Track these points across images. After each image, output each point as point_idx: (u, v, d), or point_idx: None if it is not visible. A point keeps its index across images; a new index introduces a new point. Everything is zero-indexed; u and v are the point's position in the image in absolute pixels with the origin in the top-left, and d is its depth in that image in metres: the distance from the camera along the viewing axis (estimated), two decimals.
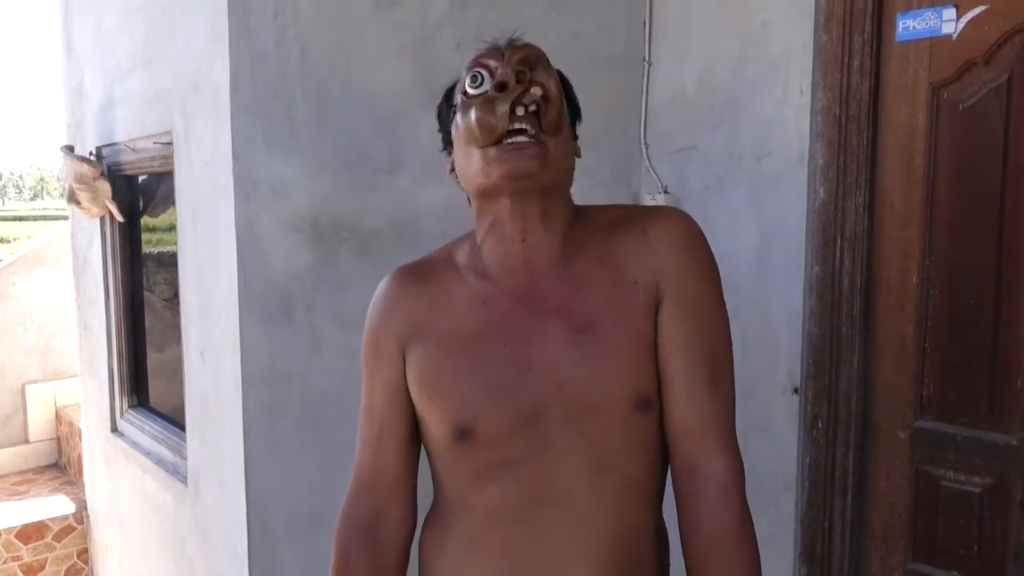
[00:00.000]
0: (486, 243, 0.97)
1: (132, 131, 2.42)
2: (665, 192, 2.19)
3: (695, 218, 0.99)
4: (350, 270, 1.88)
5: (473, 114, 0.89)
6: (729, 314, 0.98)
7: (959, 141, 1.66)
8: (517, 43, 0.94)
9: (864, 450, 1.85)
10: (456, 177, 0.99)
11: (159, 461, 2.47)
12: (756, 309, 1.99)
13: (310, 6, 1.79)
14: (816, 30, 1.84)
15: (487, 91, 0.90)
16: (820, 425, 1.88)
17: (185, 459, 2.28)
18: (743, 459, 0.95)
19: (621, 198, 2.26)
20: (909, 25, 1.69)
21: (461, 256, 1.00)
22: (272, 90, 1.77)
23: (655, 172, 2.22)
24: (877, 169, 1.79)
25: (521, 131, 0.89)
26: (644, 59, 2.23)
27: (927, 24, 1.66)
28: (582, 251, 0.96)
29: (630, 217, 0.98)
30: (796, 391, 1.92)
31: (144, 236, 2.72)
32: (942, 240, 1.70)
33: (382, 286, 1.02)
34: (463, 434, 0.92)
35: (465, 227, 1.06)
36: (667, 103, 2.19)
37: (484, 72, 0.91)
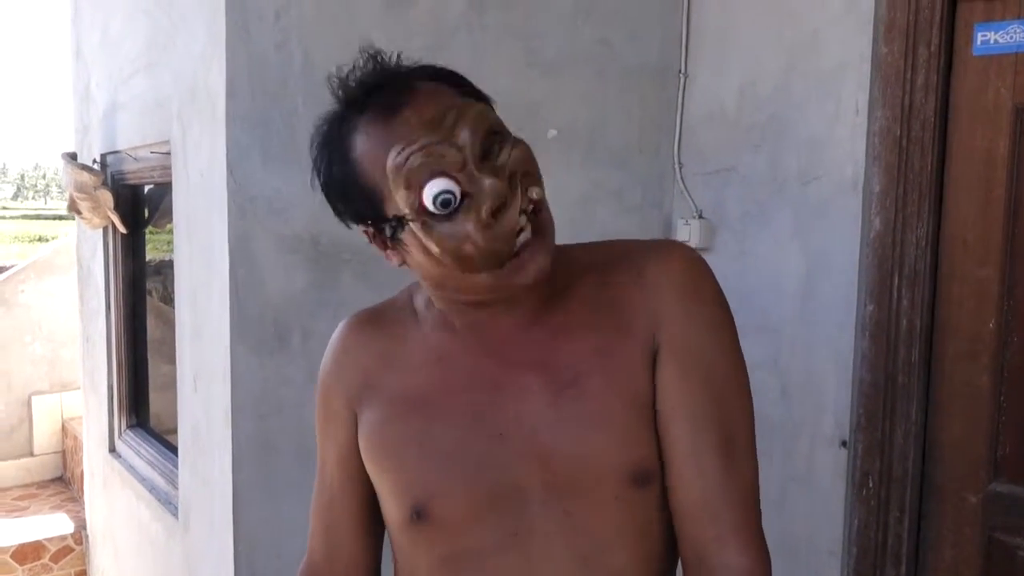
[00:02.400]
0: (437, 297, 0.80)
1: (133, 139, 2.31)
2: (700, 217, 2.01)
3: (734, 246, 0.80)
4: (352, 295, 1.73)
5: (471, 243, 0.70)
6: (769, 356, 0.80)
7: None
8: (426, 94, 0.71)
9: (923, 515, 1.65)
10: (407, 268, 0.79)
11: (152, 489, 2.35)
12: (800, 351, 1.79)
13: (315, 6, 1.65)
14: (875, 41, 1.67)
15: (476, 211, 0.69)
16: (871, 484, 1.68)
17: (177, 490, 2.14)
18: (782, 516, 0.75)
19: (652, 222, 2.08)
20: (990, 38, 1.50)
21: (420, 301, 0.84)
22: (272, 97, 1.63)
23: (689, 195, 2.04)
24: (945, 198, 1.60)
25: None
26: (680, 71, 2.07)
27: (1013, 38, 1.47)
28: (566, 296, 0.80)
29: (627, 255, 0.81)
30: (844, 444, 1.72)
31: (165, 238, 2.58)
32: None
33: (336, 334, 0.88)
34: (418, 516, 0.77)
35: None
36: (704, 119, 2.03)
37: (453, 189, 0.69)
